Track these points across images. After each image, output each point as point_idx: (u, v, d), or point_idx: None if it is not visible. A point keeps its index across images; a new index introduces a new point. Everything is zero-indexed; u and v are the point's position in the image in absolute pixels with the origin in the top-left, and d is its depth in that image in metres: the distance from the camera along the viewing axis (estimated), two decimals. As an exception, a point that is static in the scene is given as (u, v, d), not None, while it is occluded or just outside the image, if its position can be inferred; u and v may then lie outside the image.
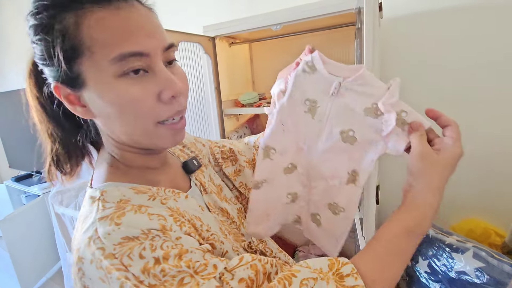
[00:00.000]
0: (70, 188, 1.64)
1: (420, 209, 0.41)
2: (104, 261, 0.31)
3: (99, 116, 0.39)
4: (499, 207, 1.14)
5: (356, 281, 0.34)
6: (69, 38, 0.33)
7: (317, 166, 0.53)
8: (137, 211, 0.35)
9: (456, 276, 0.94)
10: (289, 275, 0.34)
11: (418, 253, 1.07)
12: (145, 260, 0.31)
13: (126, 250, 0.31)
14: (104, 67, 0.34)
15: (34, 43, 0.36)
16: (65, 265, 1.67)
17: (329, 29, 1.15)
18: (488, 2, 1.02)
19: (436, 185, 0.42)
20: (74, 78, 0.35)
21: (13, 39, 2.59)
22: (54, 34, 0.33)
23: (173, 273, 0.31)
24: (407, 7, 1.14)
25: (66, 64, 0.34)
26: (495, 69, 1.06)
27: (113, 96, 0.35)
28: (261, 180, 0.56)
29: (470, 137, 1.15)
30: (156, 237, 0.33)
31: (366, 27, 0.65)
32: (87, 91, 0.36)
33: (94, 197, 0.38)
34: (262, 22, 0.98)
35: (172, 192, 0.43)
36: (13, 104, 2.23)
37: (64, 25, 0.33)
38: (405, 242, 0.39)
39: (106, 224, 0.33)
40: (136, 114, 0.36)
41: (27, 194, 2.22)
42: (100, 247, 0.32)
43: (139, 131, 0.38)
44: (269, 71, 1.45)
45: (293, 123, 0.53)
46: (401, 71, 1.21)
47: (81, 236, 0.34)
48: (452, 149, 0.42)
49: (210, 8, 1.54)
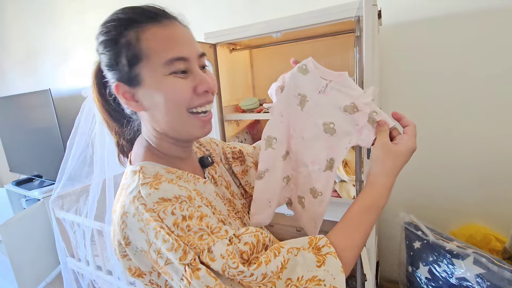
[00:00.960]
0: (71, 192, 1.64)
1: (375, 188, 0.52)
2: (145, 214, 0.41)
3: (148, 108, 0.48)
4: (499, 212, 1.14)
5: (329, 249, 0.45)
6: (132, 49, 0.45)
7: (302, 152, 0.62)
8: (170, 182, 0.44)
9: (456, 283, 0.94)
10: (278, 247, 0.44)
11: (419, 259, 1.07)
12: (175, 216, 0.41)
13: (162, 208, 0.41)
14: (158, 68, 0.45)
15: (102, 54, 0.47)
16: (65, 270, 1.67)
17: (329, 36, 1.16)
18: (487, 9, 1.04)
19: (390, 169, 0.52)
20: (133, 78, 0.46)
21: (14, 44, 2.61)
22: (120, 46, 0.45)
23: (195, 229, 0.40)
24: (406, 14, 1.15)
25: (128, 68, 0.45)
26: (494, 75, 1.07)
27: (162, 89, 0.46)
28: (264, 170, 0.63)
29: (469, 143, 1.16)
30: (184, 202, 0.42)
31: (365, 36, 0.67)
32: (142, 88, 0.47)
33: (136, 170, 0.47)
34: (263, 30, 0.99)
35: (193, 177, 0.53)
36: (14, 108, 2.24)
37: (127, 39, 0.45)
38: (365, 217, 0.50)
39: (147, 188, 0.43)
40: (176, 102, 0.47)
41: (27, 198, 2.22)
42: (143, 203, 0.41)
43: (177, 117, 0.48)
44: (269, 77, 1.46)
45: (287, 114, 0.62)
46: (399, 77, 1.22)
47: (126, 196, 0.44)
48: (407, 142, 0.52)
49: (212, 16, 1.55)
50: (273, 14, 1.39)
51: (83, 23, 2.10)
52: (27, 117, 2.16)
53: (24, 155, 2.24)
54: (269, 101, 1.37)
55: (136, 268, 0.47)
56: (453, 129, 1.17)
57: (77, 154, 1.48)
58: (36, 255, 1.77)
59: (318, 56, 1.33)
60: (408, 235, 1.15)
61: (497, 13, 1.02)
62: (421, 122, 1.22)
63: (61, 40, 2.27)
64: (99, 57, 0.49)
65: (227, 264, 0.39)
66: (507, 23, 1.02)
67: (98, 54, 0.49)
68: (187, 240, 0.40)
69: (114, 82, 0.48)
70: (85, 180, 1.58)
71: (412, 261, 1.11)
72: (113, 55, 0.46)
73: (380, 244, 1.39)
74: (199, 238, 0.40)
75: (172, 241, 0.39)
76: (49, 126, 1.92)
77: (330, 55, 1.27)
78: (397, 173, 0.52)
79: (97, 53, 0.49)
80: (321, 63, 0.59)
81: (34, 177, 2.20)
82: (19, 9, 2.46)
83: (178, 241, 0.39)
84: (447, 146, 1.19)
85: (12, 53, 2.64)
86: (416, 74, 1.19)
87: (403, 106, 1.23)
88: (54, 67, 2.38)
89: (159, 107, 0.47)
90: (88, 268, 1.51)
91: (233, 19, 1.51)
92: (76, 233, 1.51)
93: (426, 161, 1.23)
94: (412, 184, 1.28)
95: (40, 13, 2.32)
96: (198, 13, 1.56)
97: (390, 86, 1.23)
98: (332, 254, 0.44)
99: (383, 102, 1.25)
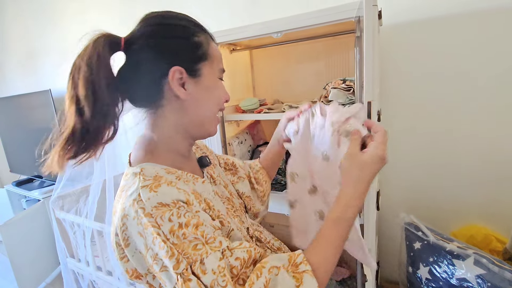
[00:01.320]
0: (71, 193, 1.64)
1: (342, 200, 0.52)
2: (144, 219, 0.42)
3: (190, 99, 0.53)
4: (500, 213, 1.14)
5: (306, 266, 0.46)
6: (202, 48, 0.54)
7: (325, 184, 0.67)
8: (169, 184, 0.46)
9: (457, 283, 0.94)
10: (260, 267, 0.44)
11: (419, 260, 1.07)
12: (172, 223, 0.42)
13: (159, 213, 0.42)
14: (215, 71, 0.56)
15: (162, 40, 0.51)
16: (65, 271, 1.66)
17: (330, 37, 1.16)
18: (488, 9, 1.03)
19: (356, 179, 0.52)
20: (195, 70, 0.53)
21: (14, 44, 2.60)
22: (192, 42, 0.53)
23: (190, 238, 0.42)
24: (406, 15, 1.15)
25: (194, 61, 0.53)
26: (495, 76, 1.07)
27: (215, 88, 0.57)
28: (294, 200, 0.72)
29: (470, 144, 1.16)
30: (181, 208, 0.44)
31: (366, 36, 0.67)
32: (198, 81, 0.53)
33: (136, 172, 0.49)
34: (263, 30, 0.99)
35: (192, 176, 0.55)
36: (14, 109, 2.24)
37: (200, 39, 0.54)
38: (334, 230, 0.50)
39: (147, 191, 0.44)
40: (219, 101, 0.59)
41: (27, 199, 2.22)
42: (142, 207, 0.42)
43: (210, 113, 0.57)
44: (269, 77, 1.46)
45: (304, 153, 0.69)
46: (400, 77, 1.22)
47: (126, 198, 0.45)
48: (373, 150, 0.52)
49: (212, 16, 1.55)
50: (273, 15, 1.39)
51: (83, 23, 2.10)
52: (28, 118, 2.16)
53: (24, 155, 2.24)
54: (269, 102, 1.38)
55: (133, 270, 0.48)
56: (453, 130, 1.17)
57: (77, 155, 1.47)
58: (36, 255, 1.77)
59: (319, 57, 1.34)
60: (409, 235, 1.15)
61: (498, 13, 1.02)
62: (421, 122, 1.22)
63: (61, 40, 2.27)
64: (147, 41, 0.50)
65: (217, 280, 0.40)
66: (508, 23, 1.02)
67: (149, 39, 0.50)
68: (181, 249, 0.41)
69: (169, 67, 0.50)
70: (85, 181, 1.58)
71: (412, 261, 1.10)
72: (182, 46, 0.52)
73: (380, 245, 1.39)
74: (193, 247, 0.41)
75: (167, 248, 0.41)
76: (49, 127, 1.91)
77: (330, 55, 1.27)
78: (367, 181, 0.52)
79: (147, 37, 0.50)
80: (321, 63, 0.62)
81: (34, 177, 2.21)
82: (19, 9, 2.46)
83: (173, 249, 0.41)
84: (447, 146, 1.19)
85: (13, 53, 2.64)
86: (417, 75, 1.19)
87: (404, 106, 1.23)
88: (55, 67, 2.38)
89: (202, 101, 0.55)
90: (88, 269, 1.51)
91: (233, 19, 1.51)
92: (76, 234, 1.51)
93: (426, 162, 1.23)
94: (413, 185, 1.28)
95: (40, 13, 2.32)
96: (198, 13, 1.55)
97: (390, 87, 1.23)
98: (308, 272, 0.45)
99: (383, 103, 1.25)
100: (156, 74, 0.51)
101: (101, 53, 0.46)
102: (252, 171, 0.80)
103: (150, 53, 0.50)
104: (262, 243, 0.68)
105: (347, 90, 0.95)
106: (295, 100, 1.31)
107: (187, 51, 0.52)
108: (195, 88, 0.53)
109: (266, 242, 0.69)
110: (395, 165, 1.29)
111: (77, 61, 0.46)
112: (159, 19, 0.53)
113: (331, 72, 1.28)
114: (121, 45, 0.50)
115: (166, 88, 0.52)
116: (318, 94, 1.15)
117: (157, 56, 0.50)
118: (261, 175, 0.80)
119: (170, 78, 0.50)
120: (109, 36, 0.48)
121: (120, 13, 1.89)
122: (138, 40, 0.50)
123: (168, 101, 0.53)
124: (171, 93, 0.52)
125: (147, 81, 0.52)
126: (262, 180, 0.80)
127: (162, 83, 0.51)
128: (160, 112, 0.54)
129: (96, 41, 0.47)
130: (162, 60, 0.51)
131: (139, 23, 0.53)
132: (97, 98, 0.45)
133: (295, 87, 1.39)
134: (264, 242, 0.68)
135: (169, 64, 0.50)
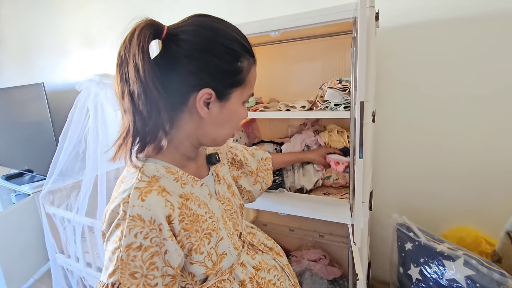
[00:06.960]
0: (62, 187, 1.61)
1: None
2: (121, 221, 0.45)
3: (209, 119, 0.53)
4: (490, 215, 1.16)
5: None
6: (241, 75, 0.53)
7: None
8: (159, 194, 0.47)
9: (447, 284, 0.95)
10: None
11: (410, 260, 1.08)
12: (134, 240, 0.44)
13: (132, 225, 0.44)
14: (243, 97, 0.56)
15: (207, 58, 0.50)
16: (54, 266, 1.64)
17: (327, 37, 1.16)
18: (487, 14, 1.04)
19: None
20: (225, 94, 0.53)
21: (10, 38, 2.56)
22: (233, 67, 0.52)
23: (137, 263, 0.44)
24: (404, 17, 1.16)
25: (228, 85, 0.52)
26: (493, 80, 1.08)
27: (237, 113, 0.56)
28: None
29: (462, 147, 1.17)
30: (153, 231, 0.45)
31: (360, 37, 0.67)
32: (222, 105, 0.53)
33: (138, 166, 0.50)
34: (261, 28, 0.98)
35: (192, 179, 0.55)
36: (5, 101, 2.20)
37: (242, 65, 0.53)
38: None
39: (136, 196, 0.46)
40: (237, 125, 0.59)
41: (17, 193, 2.18)
42: (124, 210, 0.45)
43: (225, 133, 0.57)
44: (266, 76, 1.46)
45: None
46: (397, 80, 1.23)
47: (120, 194, 0.47)
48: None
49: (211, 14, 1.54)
50: (271, 14, 1.39)
51: (78, 18, 2.07)
52: (19, 111, 2.12)
53: (15, 149, 2.20)
54: (265, 100, 1.37)
55: None
56: (447, 132, 1.18)
57: (69, 149, 1.45)
58: (25, 250, 1.74)
59: (316, 56, 1.34)
60: (400, 236, 1.16)
61: (495, 20, 1.03)
62: (415, 124, 1.23)
63: (56, 34, 2.23)
64: (191, 52, 0.49)
65: None
66: (505, 29, 1.03)
67: (194, 50, 0.49)
68: (123, 266, 0.43)
69: (202, 86, 0.50)
70: (76, 176, 1.56)
71: (403, 262, 1.11)
72: (223, 70, 0.51)
73: (372, 245, 1.40)
74: (131, 274, 0.43)
75: (115, 256, 0.44)
76: (41, 120, 1.88)
77: (327, 55, 1.27)
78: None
79: (194, 48, 0.49)
80: (319, 63, 0.62)
81: (25, 171, 2.17)
82: (15, 1, 2.41)
83: (118, 259, 0.43)
84: (439, 149, 1.20)
85: (7, 46, 2.59)
86: (413, 78, 1.19)
87: (399, 108, 1.24)
88: (49, 60, 2.34)
89: (221, 123, 0.55)
90: (77, 265, 1.49)
91: (230, 17, 1.50)
92: (67, 229, 1.49)
93: (418, 164, 1.24)
94: (405, 187, 1.29)
95: (35, 5, 2.28)
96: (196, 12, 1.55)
97: (387, 89, 1.24)
98: None
99: (379, 105, 1.26)
100: (187, 84, 0.50)
101: (145, 48, 0.46)
102: (261, 166, 0.86)
103: (190, 64, 0.49)
104: (254, 247, 0.68)
105: (343, 90, 0.95)
106: (291, 99, 1.32)
107: (225, 76, 0.51)
108: (219, 110, 0.53)
109: (258, 244, 0.70)
110: (388, 166, 1.30)
111: (122, 51, 0.46)
112: (213, 33, 0.51)
113: (327, 72, 1.28)
114: (162, 34, 0.49)
115: (191, 101, 0.51)
116: (314, 93, 1.15)
117: (195, 70, 0.50)
118: (268, 175, 0.87)
119: (198, 97, 0.50)
120: (154, 27, 0.48)
121: (118, 6, 1.87)
122: (183, 44, 0.49)
123: (188, 111, 0.52)
124: (193, 106, 0.51)
125: (176, 84, 0.50)
126: (268, 179, 0.87)
127: (189, 95, 0.51)
128: (177, 115, 0.53)
129: (141, 33, 0.46)
130: (199, 76, 0.50)
131: (189, 23, 0.52)
132: (148, 95, 0.46)
133: (291, 86, 1.39)
134: (257, 245, 0.69)
135: (203, 83, 0.50)
